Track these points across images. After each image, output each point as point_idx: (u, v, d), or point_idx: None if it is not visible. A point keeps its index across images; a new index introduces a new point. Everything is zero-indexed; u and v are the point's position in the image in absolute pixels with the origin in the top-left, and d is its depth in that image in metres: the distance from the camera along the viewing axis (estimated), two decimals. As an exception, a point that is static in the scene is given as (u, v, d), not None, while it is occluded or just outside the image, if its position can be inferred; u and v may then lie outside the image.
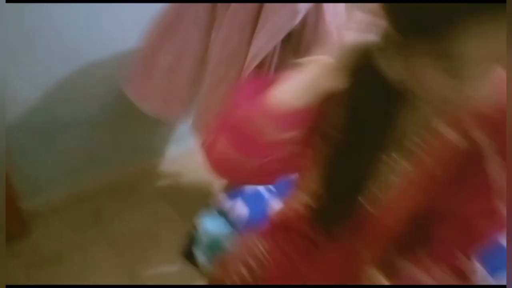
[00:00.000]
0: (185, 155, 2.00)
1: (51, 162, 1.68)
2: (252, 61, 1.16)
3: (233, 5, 1.17)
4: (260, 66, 1.18)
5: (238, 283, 0.89)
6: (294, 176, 0.84)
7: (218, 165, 0.72)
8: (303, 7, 1.11)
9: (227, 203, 1.10)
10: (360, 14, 0.61)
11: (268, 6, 1.13)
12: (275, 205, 0.88)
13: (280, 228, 0.88)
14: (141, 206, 1.77)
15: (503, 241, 0.97)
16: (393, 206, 0.70)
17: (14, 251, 1.53)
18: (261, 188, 1.15)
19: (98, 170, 1.82)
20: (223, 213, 1.09)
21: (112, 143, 1.80)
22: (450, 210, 0.71)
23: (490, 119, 0.63)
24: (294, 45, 1.22)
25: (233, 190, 1.15)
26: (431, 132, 0.66)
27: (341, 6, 1.22)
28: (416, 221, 0.72)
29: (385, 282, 0.72)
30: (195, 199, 1.28)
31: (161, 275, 1.47)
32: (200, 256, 1.07)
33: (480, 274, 0.93)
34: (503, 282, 0.92)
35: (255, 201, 1.10)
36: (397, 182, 0.69)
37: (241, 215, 1.06)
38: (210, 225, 1.06)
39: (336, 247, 0.79)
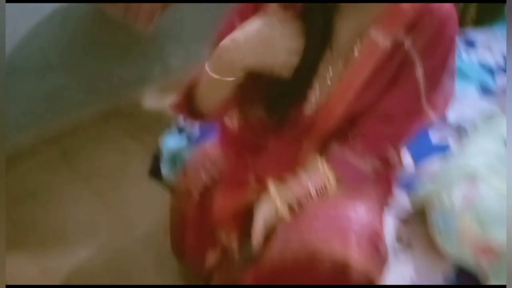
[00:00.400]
0: (147, 93, 2.07)
1: (14, 107, 1.71)
2: None
3: None
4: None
5: (199, 186, 1.00)
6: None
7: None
8: None
9: (184, 122, 1.20)
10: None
11: None
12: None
13: (230, 134, 0.96)
14: (108, 144, 1.84)
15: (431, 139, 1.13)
16: (330, 105, 0.81)
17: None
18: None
19: (61, 112, 1.86)
20: (182, 130, 1.19)
21: (72, 85, 1.83)
22: (381, 108, 0.81)
23: (413, 22, 0.73)
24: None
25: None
26: (364, 38, 0.76)
27: None
28: (351, 117, 0.84)
29: (324, 165, 0.83)
30: (160, 132, 1.35)
31: (132, 200, 1.58)
32: (165, 171, 1.18)
33: (406, 162, 1.09)
34: (424, 167, 1.07)
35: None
36: (334, 84, 0.79)
37: (196, 127, 1.16)
38: (171, 143, 1.17)
39: (281, 141, 0.89)
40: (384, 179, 0.91)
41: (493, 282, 0.79)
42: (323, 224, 0.77)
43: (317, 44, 0.77)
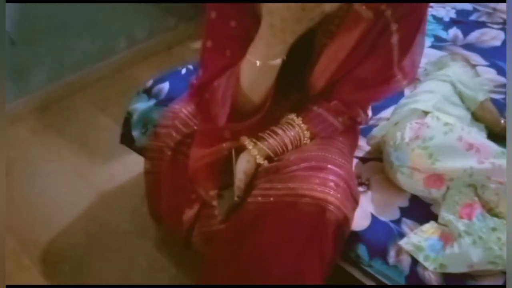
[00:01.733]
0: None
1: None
2: None
3: None
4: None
5: (171, 144, 1.03)
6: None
7: None
8: None
9: (152, 85, 1.22)
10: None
11: None
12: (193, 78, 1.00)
13: (201, 94, 0.96)
14: (77, 120, 1.83)
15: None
16: (314, 76, 0.86)
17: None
18: (180, 67, 1.28)
19: (26, 90, 1.83)
20: (150, 94, 1.21)
21: (35, 61, 1.80)
22: (356, 73, 0.87)
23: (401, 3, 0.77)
24: None
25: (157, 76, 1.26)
26: (348, 10, 0.79)
27: None
28: (332, 82, 0.89)
29: (300, 122, 0.89)
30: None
31: (107, 172, 1.60)
32: (136, 134, 1.20)
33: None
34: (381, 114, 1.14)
35: (175, 77, 1.23)
36: (321, 56, 0.84)
37: (164, 90, 1.19)
38: (141, 106, 1.19)
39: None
40: (352, 132, 0.98)
41: (443, 208, 0.88)
42: (304, 172, 0.82)
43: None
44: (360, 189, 0.96)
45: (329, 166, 0.83)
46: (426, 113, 0.92)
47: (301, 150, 0.88)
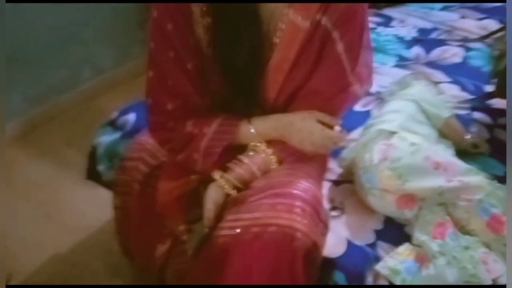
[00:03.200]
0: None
1: None
2: None
3: None
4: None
5: (139, 178, 1.00)
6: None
7: None
8: None
9: (117, 116, 1.19)
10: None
11: None
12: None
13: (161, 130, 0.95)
14: (43, 154, 1.77)
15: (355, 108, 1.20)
16: (263, 90, 0.86)
17: None
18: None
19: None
20: (115, 126, 1.18)
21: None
22: (309, 86, 0.87)
23: (334, 6, 0.79)
24: None
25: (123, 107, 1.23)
26: (286, 22, 0.81)
27: None
28: (286, 99, 0.89)
29: (265, 147, 0.89)
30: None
31: (74, 208, 1.54)
32: (102, 168, 1.16)
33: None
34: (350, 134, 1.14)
35: (140, 107, 1.20)
36: (267, 69, 0.84)
37: (129, 121, 1.16)
38: (106, 139, 1.15)
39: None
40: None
41: (416, 229, 0.87)
42: (270, 200, 0.81)
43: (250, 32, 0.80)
44: (334, 213, 0.95)
45: (294, 191, 0.81)
46: (393, 133, 0.93)
47: (267, 177, 0.87)
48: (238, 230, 0.80)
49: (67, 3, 1.81)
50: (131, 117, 1.18)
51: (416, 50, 1.51)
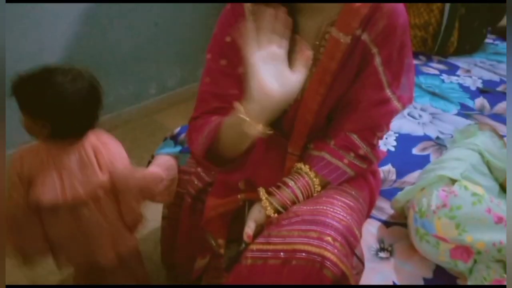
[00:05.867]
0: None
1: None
2: None
3: None
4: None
5: (192, 192, 1.04)
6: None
7: None
8: None
9: (179, 132, 1.25)
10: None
11: None
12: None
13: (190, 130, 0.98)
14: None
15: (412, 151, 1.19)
16: (306, 102, 0.87)
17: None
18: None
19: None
20: (176, 141, 1.24)
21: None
22: (349, 101, 0.88)
23: (367, 18, 0.82)
24: None
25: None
26: (327, 38, 0.85)
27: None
28: (326, 114, 0.90)
29: (308, 170, 0.89)
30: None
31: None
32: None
33: (388, 170, 1.14)
34: (406, 177, 1.13)
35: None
36: (307, 83, 0.86)
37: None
38: (167, 151, 1.21)
39: (267, 146, 0.94)
40: (366, 187, 0.96)
41: (470, 281, 0.83)
42: (302, 226, 0.80)
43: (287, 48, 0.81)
44: (382, 255, 0.93)
45: (327, 220, 0.80)
46: (453, 181, 0.90)
47: (305, 203, 0.87)
48: (267, 254, 0.80)
49: (144, 24, 1.96)
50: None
51: (481, 101, 1.48)
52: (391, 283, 0.87)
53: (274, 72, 0.76)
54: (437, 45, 1.80)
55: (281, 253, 0.78)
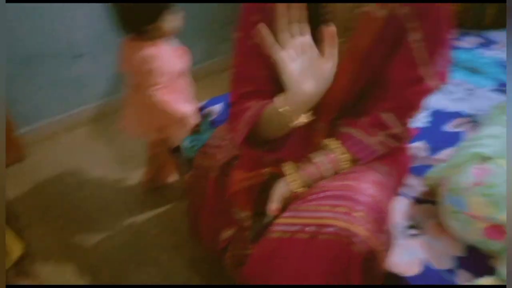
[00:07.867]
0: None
1: (41, 92, 1.79)
2: None
3: None
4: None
5: (218, 162, 1.03)
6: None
7: None
8: None
9: (204, 105, 1.25)
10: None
11: None
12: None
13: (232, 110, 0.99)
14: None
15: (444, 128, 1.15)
16: (337, 79, 0.83)
17: (11, 173, 1.64)
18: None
19: (84, 99, 1.94)
20: (202, 114, 1.24)
21: (96, 74, 1.91)
22: (381, 79, 0.85)
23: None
24: None
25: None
26: (361, 10, 0.80)
27: None
28: (357, 90, 0.87)
29: (337, 145, 0.87)
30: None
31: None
32: (186, 144, 1.22)
33: (420, 147, 1.11)
34: (439, 154, 1.09)
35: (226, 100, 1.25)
36: (339, 57, 0.82)
37: (214, 111, 1.22)
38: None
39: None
40: (395, 157, 0.93)
41: (501, 261, 0.81)
42: (330, 201, 0.80)
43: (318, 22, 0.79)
44: (412, 232, 0.91)
45: (356, 196, 0.79)
46: (488, 158, 0.87)
47: (333, 179, 0.85)
48: (294, 228, 0.80)
49: None
50: (216, 108, 1.23)
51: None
52: (419, 261, 0.85)
53: (306, 64, 0.77)
54: (473, 17, 1.71)
55: (309, 227, 0.78)
